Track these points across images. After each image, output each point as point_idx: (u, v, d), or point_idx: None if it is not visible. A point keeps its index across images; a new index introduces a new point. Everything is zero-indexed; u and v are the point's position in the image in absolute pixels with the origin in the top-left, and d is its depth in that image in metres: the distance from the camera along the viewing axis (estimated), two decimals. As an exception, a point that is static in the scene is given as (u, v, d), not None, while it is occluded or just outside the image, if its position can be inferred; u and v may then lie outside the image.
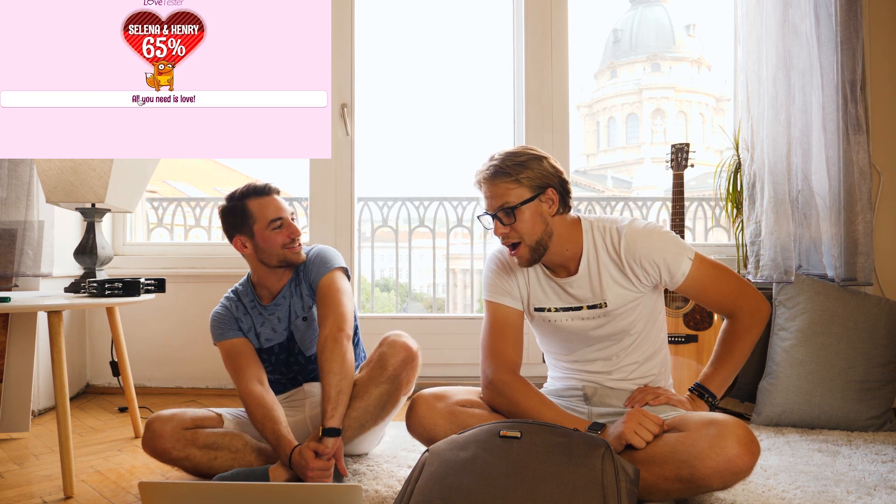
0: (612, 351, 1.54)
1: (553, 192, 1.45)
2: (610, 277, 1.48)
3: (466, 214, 3.26)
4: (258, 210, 1.68)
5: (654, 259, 1.45)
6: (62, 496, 1.59)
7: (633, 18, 34.80)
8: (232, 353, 1.69)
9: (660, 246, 1.45)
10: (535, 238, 1.45)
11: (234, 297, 1.79)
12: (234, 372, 1.67)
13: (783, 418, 2.15)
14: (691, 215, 3.15)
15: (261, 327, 1.75)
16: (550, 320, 1.54)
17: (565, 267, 1.52)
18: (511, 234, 1.45)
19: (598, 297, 1.49)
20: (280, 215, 1.68)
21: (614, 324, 1.51)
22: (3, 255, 2.26)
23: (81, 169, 1.93)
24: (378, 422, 1.65)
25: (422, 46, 13.27)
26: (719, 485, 1.24)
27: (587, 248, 1.49)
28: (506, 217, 1.44)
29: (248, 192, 1.70)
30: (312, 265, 1.73)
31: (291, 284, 1.76)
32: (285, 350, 1.76)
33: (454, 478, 1.14)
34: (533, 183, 1.43)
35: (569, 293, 1.52)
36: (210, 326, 1.75)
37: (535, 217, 1.44)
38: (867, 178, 2.27)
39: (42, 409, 2.45)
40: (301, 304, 1.75)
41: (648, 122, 32.22)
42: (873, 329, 2.16)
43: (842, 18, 2.27)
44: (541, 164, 1.44)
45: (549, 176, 1.45)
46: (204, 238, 3.28)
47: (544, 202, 1.45)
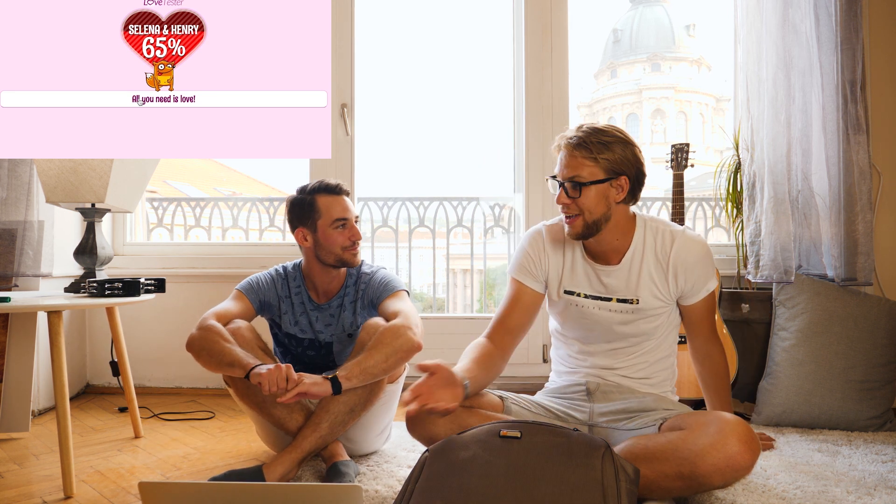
0: (629, 350, 1.57)
1: (626, 180, 1.46)
2: (649, 277, 1.51)
3: (466, 214, 3.26)
4: (325, 207, 1.71)
5: (696, 269, 1.50)
6: (62, 496, 1.59)
7: (633, 18, 34.79)
8: (237, 306, 1.72)
9: (705, 263, 1.51)
10: (594, 217, 1.46)
11: (283, 276, 1.82)
12: (221, 309, 1.68)
13: (783, 418, 2.15)
14: (691, 215, 3.15)
15: (300, 316, 1.79)
16: (578, 305, 1.57)
17: (608, 256, 1.54)
18: (572, 206, 1.46)
19: (633, 292, 1.51)
20: (345, 216, 1.72)
21: (640, 324, 1.53)
22: (3, 255, 2.26)
23: (81, 169, 1.93)
24: (367, 406, 1.64)
25: (422, 46, 13.27)
26: (720, 482, 1.24)
27: (636, 244, 1.52)
28: (572, 189, 1.45)
29: (319, 187, 1.74)
30: (379, 284, 1.77)
31: (346, 297, 1.79)
32: (315, 348, 1.80)
33: (454, 478, 1.14)
34: (610, 166, 1.43)
35: (603, 282, 1.54)
36: (247, 278, 1.79)
37: (600, 198, 1.45)
38: (867, 178, 2.27)
39: (42, 409, 2.45)
40: (351, 320, 1.78)
41: (648, 122, 32.21)
42: (873, 329, 2.16)
43: (842, 18, 2.27)
44: (624, 149, 1.45)
45: (627, 163, 1.45)
46: (204, 238, 3.28)
47: (614, 187, 1.46)
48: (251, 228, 3.28)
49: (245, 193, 16.29)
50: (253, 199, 3.37)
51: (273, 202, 3.30)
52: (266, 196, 5.26)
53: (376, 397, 1.65)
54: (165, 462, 1.86)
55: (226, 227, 3.29)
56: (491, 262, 3.28)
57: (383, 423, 1.82)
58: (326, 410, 1.60)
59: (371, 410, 1.68)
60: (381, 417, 1.79)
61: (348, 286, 1.80)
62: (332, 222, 1.71)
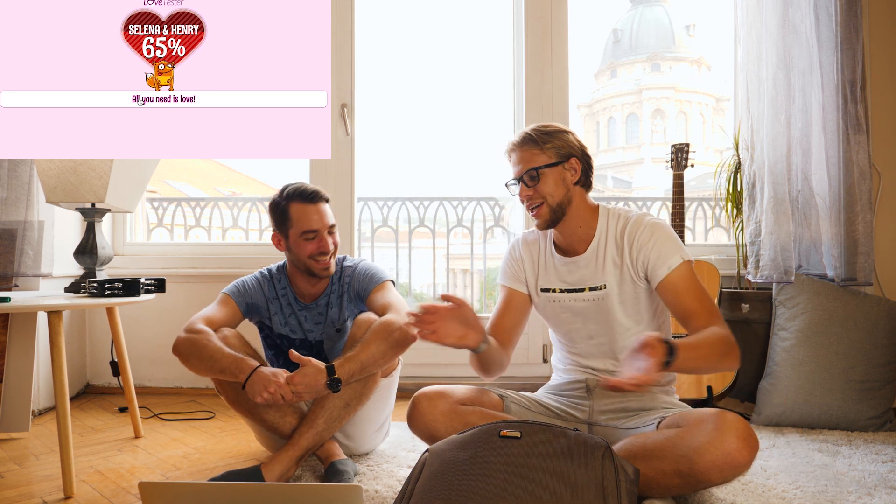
0: (613, 346, 1.56)
1: (576, 161, 1.56)
2: (612, 261, 1.55)
3: (466, 214, 3.26)
4: (297, 216, 1.69)
5: (650, 243, 1.51)
6: (62, 496, 1.59)
7: (633, 18, 34.79)
8: (224, 310, 1.73)
9: (659, 237, 1.52)
10: (556, 200, 1.54)
11: (268, 277, 1.82)
12: (207, 313, 1.69)
13: (783, 418, 2.15)
14: (691, 215, 3.15)
15: (289, 316, 1.79)
16: (556, 301, 1.61)
17: (575, 247, 1.59)
18: (535, 195, 1.54)
19: (600, 279, 1.55)
20: (314, 228, 1.68)
21: (612, 311, 1.54)
22: (3, 255, 2.26)
23: (81, 169, 1.93)
24: (362, 399, 1.64)
25: (422, 46, 13.26)
26: (718, 479, 1.24)
27: (599, 232, 1.58)
28: (530, 180, 1.54)
29: (294, 194, 1.70)
30: (363, 276, 1.77)
31: (332, 294, 1.79)
32: (306, 347, 1.80)
33: (454, 477, 1.14)
34: (558, 151, 1.54)
35: (573, 274, 1.58)
36: (232, 283, 1.79)
37: (559, 181, 1.54)
38: (867, 178, 2.27)
39: (42, 409, 2.45)
40: (338, 315, 1.78)
41: (648, 122, 32.22)
42: (873, 329, 2.16)
43: (842, 18, 2.27)
44: (566, 136, 1.57)
45: (573, 147, 1.56)
46: (204, 238, 3.28)
47: (567, 170, 1.55)
48: (251, 228, 3.28)
49: (245, 193, 16.30)
50: (253, 199, 3.37)
51: (273, 202, 3.29)
52: (266, 196, 5.26)
53: (371, 390, 1.65)
54: (165, 462, 1.86)
55: (226, 227, 3.29)
56: (491, 262, 3.28)
57: (381, 419, 1.82)
58: (322, 406, 1.60)
59: (367, 405, 1.68)
60: (379, 412, 1.79)
61: (333, 283, 1.80)
62: (302, 233, 1.68)
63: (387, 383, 1.77)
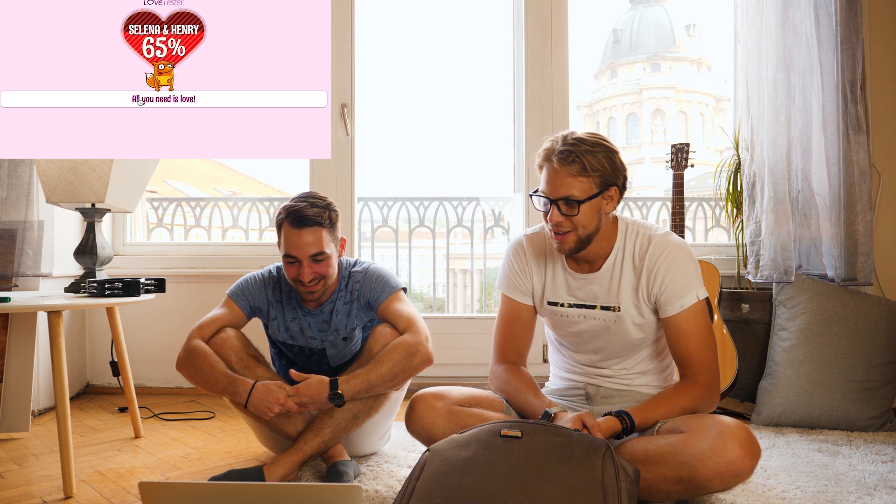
0: (620, 361, 1.54)
1: (616, 190, 1.43)
2: (628, 283, 1.47)
3: (466, 214, 3.26)
4: (285, 238, 1.63)
5: (665, 278, 1.43)
6: (62, 496, 1.59)
7: (633, 18, 34.78)
8: (228, 313, 1.71)
9: (678, 270, 1.43)
10: (588, 231, 1.42)
11: (276, 278, 1.77)
12: (210, 318, 1.68)
13: (783, 418, 2.15)
14: (691, 215, 3.15)
15: (291, 322, 1.74)
16: (563, 315, 1.55)
17: (590, 262, 1.51)
18: (566, 223, 1.41)
19: (614, 300, 1.48)
20: (296, 255, 1.60)
21: (625, 333, 1.50)
22: (3, 255, 2.26)
23: (81, 169, 1.93)
24: (371, 413, 1.63)
25: (422, 46, 13.25)
26: (720, 486, 1.24)
27: (617, 249, 1.49)
28: (567, 208, 1.39)
29: (288, 215, 1.61)
30: (375, 283, 1.71)
31: (339, 301, 1.73)
32: (305, 354, 1.77)
33: (455, 477, 1.14)
34: (601, 179, 1.39)
35: (584, 290, 1.51)
36: (238, 281, 1.76)
37: (595, 212, 1.41)
38: (867, 178, 2.27)
39: (42, 409, 2.45)
40: (346, 323, 1.73)
41: (648, 122, 32.21)
42: (873, 329, 2.16)
43: (842, 18, 2.27)
44: (613, 159, 1.40)
45: (617, 173, 1.41)
46: (204, 238, 3.28)
47: (605, 199, 1.42)
48: (251, 228, 3.28)
49: (245, 193, 16.29)
50: (253, 199, 3.37)
51: (273, 202, 3.30)
52: (266, 196, 5.25)
53: (381, 405, 1.65)
54: (165, 462, 1.86)
55: (226, 227, 3.29)
56: (491, 262, 3.28)
57: (385, 428, 1.82)
58: (330, 416, 1.59)
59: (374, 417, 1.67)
60: (384, 422, 1.78)
61: (340, 290, 1.73)
62: (284, 256, 1.64)
63: (396, 395, 1.74)
